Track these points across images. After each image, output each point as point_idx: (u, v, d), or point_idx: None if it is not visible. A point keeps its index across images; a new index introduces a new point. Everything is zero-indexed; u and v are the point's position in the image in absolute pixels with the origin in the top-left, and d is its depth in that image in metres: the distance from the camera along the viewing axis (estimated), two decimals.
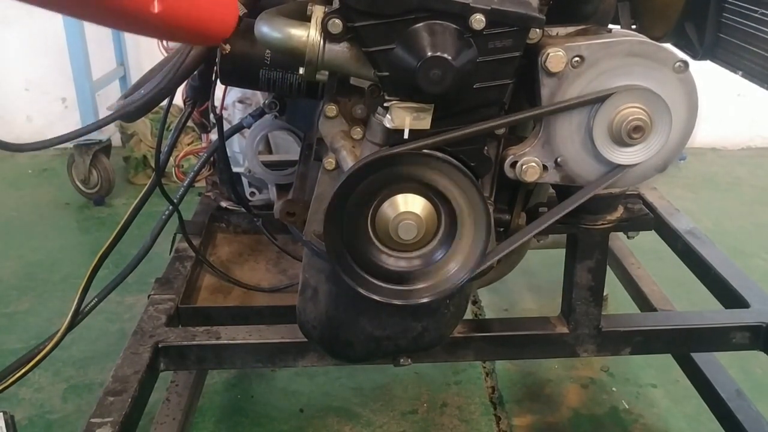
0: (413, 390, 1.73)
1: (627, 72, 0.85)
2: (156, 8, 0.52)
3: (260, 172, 1.42)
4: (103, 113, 2.89)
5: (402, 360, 1.07)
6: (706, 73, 1.11)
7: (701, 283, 1.43)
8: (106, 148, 2.83)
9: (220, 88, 1.24)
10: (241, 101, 1.57)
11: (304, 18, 0.83)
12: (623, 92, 0.84)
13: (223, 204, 1.64)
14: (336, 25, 0.79)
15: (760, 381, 1.75)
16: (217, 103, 1.33)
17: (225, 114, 1.44)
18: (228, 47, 1.02)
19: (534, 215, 0.96)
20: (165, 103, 1.17)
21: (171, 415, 1.37)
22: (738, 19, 1.07)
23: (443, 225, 0.88)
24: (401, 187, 0.85)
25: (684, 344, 1.23)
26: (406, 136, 0.83)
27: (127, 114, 1.06)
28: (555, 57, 0.83)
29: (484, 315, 2.05)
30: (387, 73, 0.80)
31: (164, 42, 1.67)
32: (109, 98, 2.91)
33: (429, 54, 0.77)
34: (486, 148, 0.89)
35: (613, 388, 1.76)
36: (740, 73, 1.09)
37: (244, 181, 1.57)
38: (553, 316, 1.15)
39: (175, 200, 1.33)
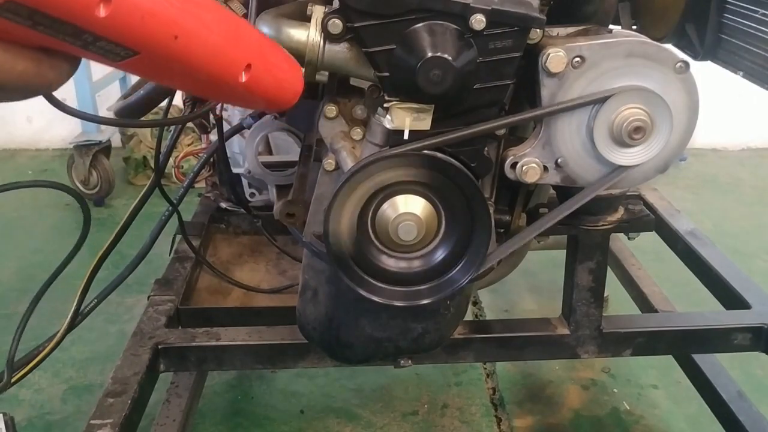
0: (414, 391, 1.73)
1: (628, 72, 0.84)
2: (243, 78, 0.59)
3: (260, 173, 1.42)
4: (104, 114, 2.89)
5: (402, 361, 1.07)
6: (706, 73, 1.11)
7: (702, 284, 1.43)
8: (105, 148, 2.83)
9: None
10: None
11: (304, 18, 0.83)
12: (624, 93, 0.84)
13: (223, 205, 1.64)
14: (336, 25, 0.79)
15: (762, 382, 1.75)
16: None
17: (225, 115, 1.43)
18: None
19: (534, 216, 0.96)
20: (165, 103, 1.17)
21: (171, 416, 1.37)
22: (739, 19, 1.07)
23: (444, 226, 0.87)
24: (401, 188, 0.85)
25: (685, 345, 1.23)
26: (406, 136, 0.83)
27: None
28: (555, 57, 0.83)
29: (485, 316, 2.05)
30: (387, 74, 0.80)
31: None
32: (109, 99, 2.90)
33: (429, 54, 0.77)
34: (486, 148, 0.89)
35: (614, 390, 1.75)
36: (741, 73, 1.09)
37: (244, 182, 1.57)
38: (554, 317, 1.15)
39: (174, 201, 1.33)
